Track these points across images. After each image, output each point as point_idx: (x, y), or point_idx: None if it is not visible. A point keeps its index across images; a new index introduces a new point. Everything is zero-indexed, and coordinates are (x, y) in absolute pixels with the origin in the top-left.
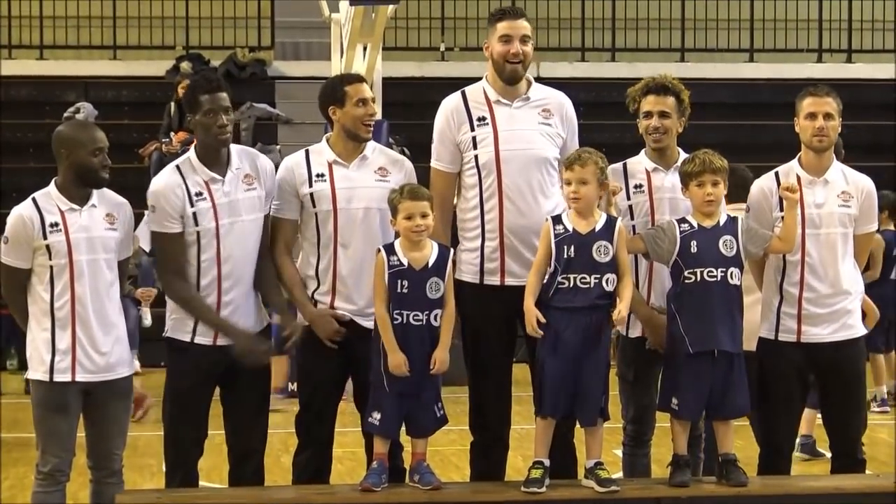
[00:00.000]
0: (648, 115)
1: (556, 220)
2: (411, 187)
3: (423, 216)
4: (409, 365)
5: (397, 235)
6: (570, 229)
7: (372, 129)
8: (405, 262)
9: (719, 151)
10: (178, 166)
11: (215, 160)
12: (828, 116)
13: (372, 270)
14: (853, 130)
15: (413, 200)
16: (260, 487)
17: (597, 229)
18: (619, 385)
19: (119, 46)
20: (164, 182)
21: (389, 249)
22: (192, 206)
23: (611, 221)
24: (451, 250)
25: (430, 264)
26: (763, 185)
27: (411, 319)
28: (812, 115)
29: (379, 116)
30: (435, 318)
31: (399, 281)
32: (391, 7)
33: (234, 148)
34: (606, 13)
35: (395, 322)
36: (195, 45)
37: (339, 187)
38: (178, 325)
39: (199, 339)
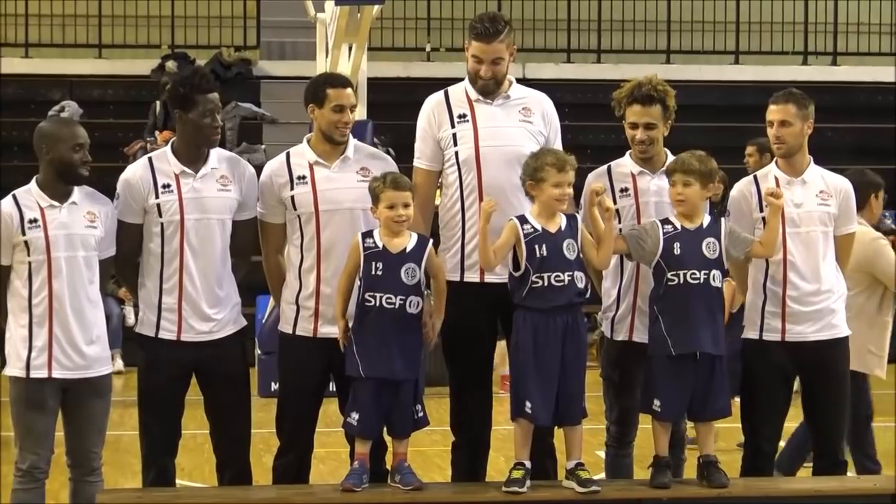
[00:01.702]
0: (634, 126)
1: (522, 219)
2: (394, 176)
3: (405, 206)
4: (383, 349)
5: None
6: (539, 228)
7: (347, 134)
8: (381, 245)
9: (711, 153)
10: (150, 158)
11: (192, 157)
12: (783, 123)
13: None
14: (838, 133)
15: (395, 190)
16: (240, 487)
17: (563, 227)
18: (604, 386)
19: (104, 45)
20: (132, 172)
21: (367, 234)
22: (156, 197)
23: (572, 219)
24: (430, 239)
25: (407, 249)
26: (742, 187)
27: (384, 302)
28: (770, 123)
29: (364, 117)
30: (411, 306)
31: (374, 263)
32: (377, 7)
33: (216, 150)
34: (592, 15)
35: (368, 304)
36: (181, 45)
37: (320, 189)
38: (145, 321)
39: (162, 334)
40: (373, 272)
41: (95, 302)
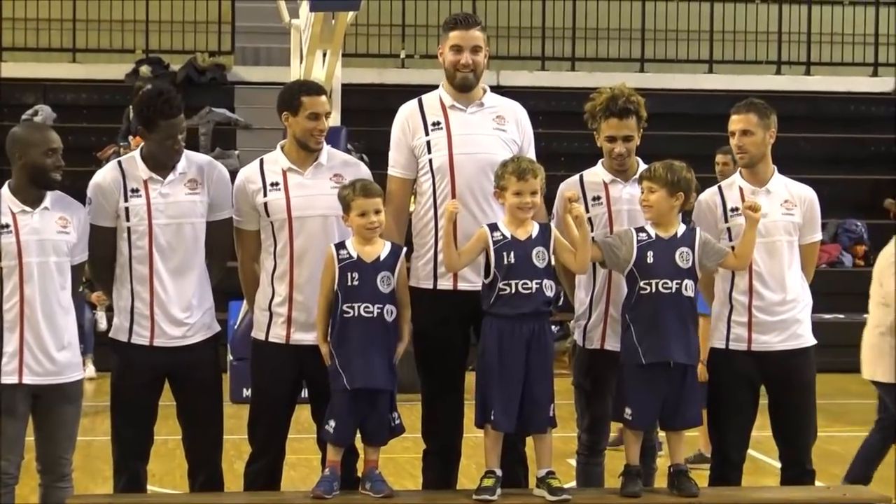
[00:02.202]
0: (612, 139)
1: (493, 227)
2: (364, 183)
3: (377, 212)
4: (365, 359)
5: None
6: (509, 236)
7: (322, 142)
8: (355, 254)
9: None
10: (120, 162)
11: (160, 163)
12: (745, 133)
13: None
14: (811, 142)
15: (366, 197)
16: (211, 493)
17: (534, 235)
18: (575, 394)
19: (78, 49)
20: (102, 177)
21: (340, 245)
22: (125, 201)
23: (545, 228)
24: (404, 248)
25: (381, 258)
26: (707, 198)
27: (362, 311)
28: (732, 133)
29: (338, 123)
30: (388, 314)
31: (349, 273)
32: (351, 13)
33: (186, 154)
34: (566, 23)
35: (347, 315)
36: (155, 49)
37: (294, 195)
38: (118, 326)
39: (135, 340)
40: (349, 282)
41: (67, 308)
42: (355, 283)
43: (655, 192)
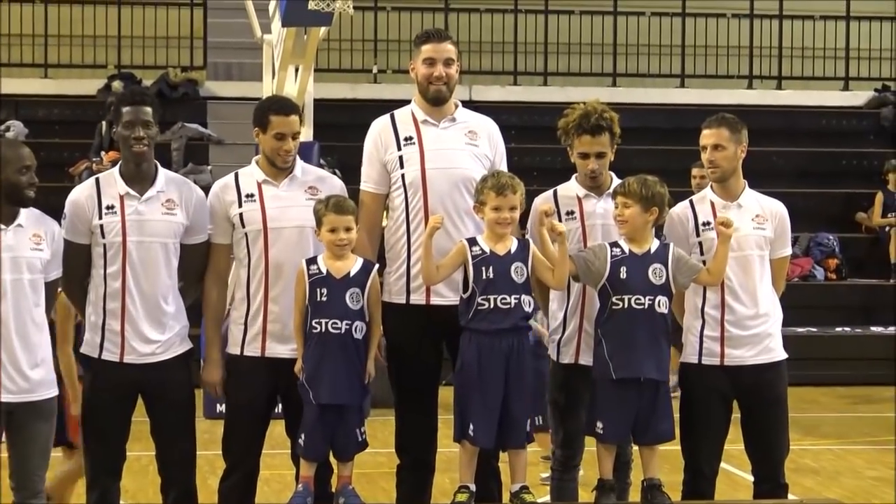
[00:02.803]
0: (585, 155)
1: (472, 241)
2: (336, 200)
3: (347, 230)
4: (330, 374)
5: None
6: (488, 251)
7: (289, 161)
8: (325, 270)
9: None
10: (98, 179)
11: (136, 177)
12: (717, 147)
13: None
14: (783, 156)
15: (338, 214)
16: None
17: (512, 251)
18: (549, 410)
19: (50, 65)
20: (78, 193)
21: (311, 260)
22: (100, 218)
23: (524, 243)
24: (376, 265)
25: (351, 274)
26: (678, 212)
27: (330, 328)
28: (703, 148)
29: (310, 138)
30: (357, 331)
31: (318, 289)
32: (323, 28)
33: (165, 173)
34: (539, 38)
35: (315, 331)
36: (127, 65)
37: (269, 206)
38: (89, 341)
39: (105, 356)
40: (318, 298)
41: (41, 325)
42: (324, 298)
43: (630, 207)
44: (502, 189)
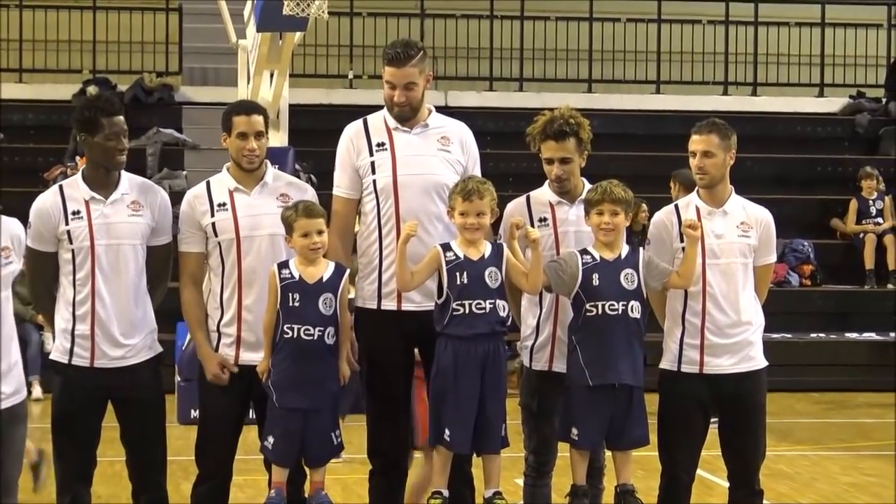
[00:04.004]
0: (550, 161)
1: (446, 247)
2: (306, 205)
3: (319, 233)
4: (299, 380)
5: None
6: (462, 256)
7: (254, 162)
8: (297, 275)
9: (626, 182)
10: (61, 186)
11: (102, 182)
12: (706, 154)
13: None
14: (758, 163)
15: (309, 218)
16: None
17: (486, 255)
18: (522, 415)
19: (25, 70)
20: (43, 201)
21: (283, 265)
22: (66, 224)
23: (498, 248)
24: (347, 269)
25: (324, 279)
26: (663, 217)
27: (302, 334)
28: (692, 154)
29: (285, 143)
30: (329, 336)
31: (291, 294)
32: (298, 34)
33: (127, 175)
34: (514, 43)
35: (287, 336)
36: (102, 70)
37: (241, 215)
38: (59, 347)
39: (76, 361)
40: (290, 303)
41: (10, 334)
42: (296, 304)
43: (619, 214)
44: (469, 194)
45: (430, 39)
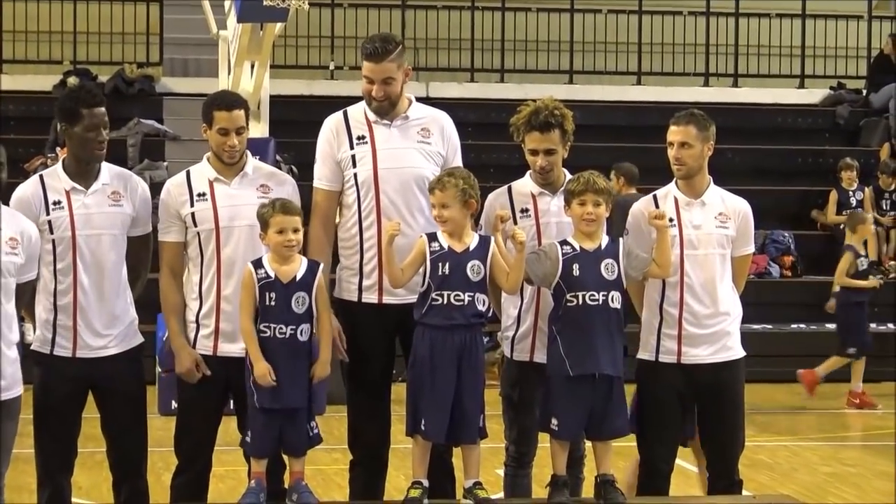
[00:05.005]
0: (534, 152)
1: (432, 237)
2: (283, 202)
3: (295, 231)
4: (277, 379)
5: None
6: (446, 247)
7: (235, 157)
8: (272, 274)
9: (607, 174)
10: (42, 176)
11: (83, 172)
12: (683, 145)
13: None
14: (738, 154)
15: (285, 215)
16: None
17: (471, 248)
18: (503, 406)
19: (6, 60)
20: (23, 191)
21: (257, 263)
22: (47, 214)
23: (484, 241)
24: (321, 265)
25: (297, 278)
26: (641, 207)
27: (276, 333)
28: (670, 144)
29: (266, 134)
30: (301, 333)
31: (267, 293)
32: (279, 24)
33: (108, 167)
34: (496, 34)
35: (263, 335)
36: (83, 60)
37: (220, 205)
38: (40, 338)
39: (57, 351)
40: (267, 302)
41: (11, 325)
42: (272, 303)
43: (601, 205)
44: (432, 187)
45: (412, 30)
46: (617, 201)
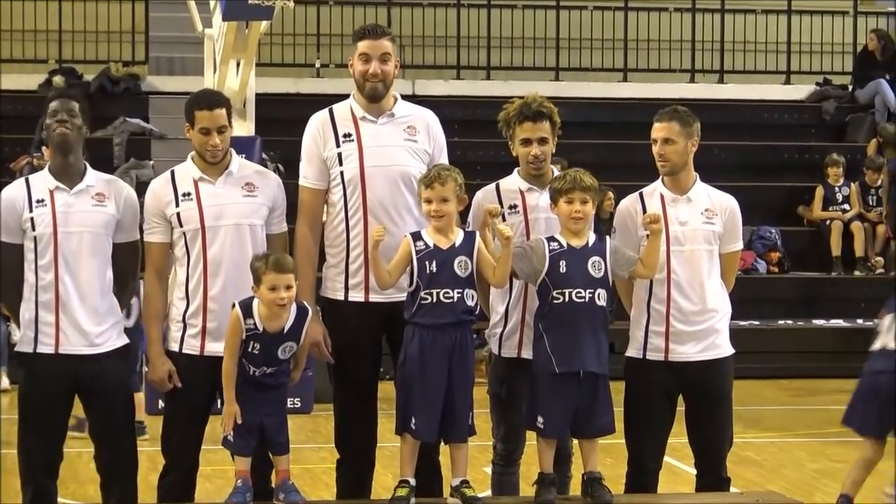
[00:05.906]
0: (527, 142)
1: (416, 236)
2: (276, 258)
3: (288, 288)
4: (257, 405)
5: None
6: (431, 245)
7: (217, 156)
8: (261, 327)
9: (593, 170)
10: (27, 179)
11: (66, 172)
12: (667, 141)
13: (243, 288)
14: (724, 150)
15: (278, 273)
16: None
17: (457, 244)
18: (491, 403)
19: None
20: (9, 191)
21: (247, 312)
22: (30, 211)
23: (469, 237)
24: (310, 310)
25: (285, 330)
26: (628, 205)
27: (256, 372)
28: (654, 141)
29: (252, 133)
30: (283, 374)
31: (252, 343)
32: (265, 22)
33: (94, 172)
34: (482, 31)
35: (247, 373)
36: (68, 59)
37: (206, 205)
38: (24, 337)
39: (40, 349)
40: (250, 349)
41: None
42: (256, 350)
43: (588, 202)
44: (431, 182)
45: (398, 27)
46: None
